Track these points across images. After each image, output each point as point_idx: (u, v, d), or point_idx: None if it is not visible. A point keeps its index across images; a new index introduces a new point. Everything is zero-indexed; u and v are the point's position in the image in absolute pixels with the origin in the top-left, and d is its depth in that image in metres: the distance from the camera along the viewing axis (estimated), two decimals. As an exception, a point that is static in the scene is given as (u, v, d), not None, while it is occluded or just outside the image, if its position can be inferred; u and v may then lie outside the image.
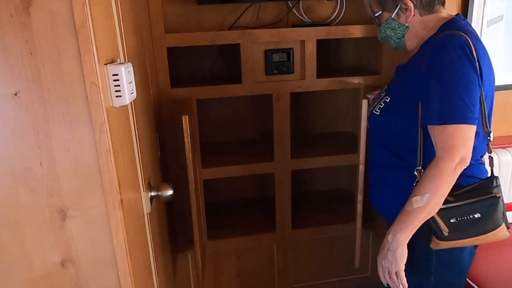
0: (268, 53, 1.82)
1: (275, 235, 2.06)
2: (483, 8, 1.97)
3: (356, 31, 1.84)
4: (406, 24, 1.19)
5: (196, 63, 2.04)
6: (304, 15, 1.96)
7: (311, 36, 1.81)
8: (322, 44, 1.89)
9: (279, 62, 1.83)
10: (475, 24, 1.95)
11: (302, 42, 1.83)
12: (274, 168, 1.95)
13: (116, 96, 0.80)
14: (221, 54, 1.96)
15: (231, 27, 1.89)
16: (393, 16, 1.19)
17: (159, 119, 1.73)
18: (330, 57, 2.17)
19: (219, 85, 1.81)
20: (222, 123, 2.21)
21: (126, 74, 0.81)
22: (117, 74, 0.79)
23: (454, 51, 1.04)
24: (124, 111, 0.89)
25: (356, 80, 1.91)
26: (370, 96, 1.53)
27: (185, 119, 1.42)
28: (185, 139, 1.45)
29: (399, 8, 1.18)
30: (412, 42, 1.23)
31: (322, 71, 1.93)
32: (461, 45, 1.05)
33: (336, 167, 2.18)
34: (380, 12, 1.22)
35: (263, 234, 2.06)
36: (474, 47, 1.05)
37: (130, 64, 0.86)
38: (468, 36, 1.06)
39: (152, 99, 1.57)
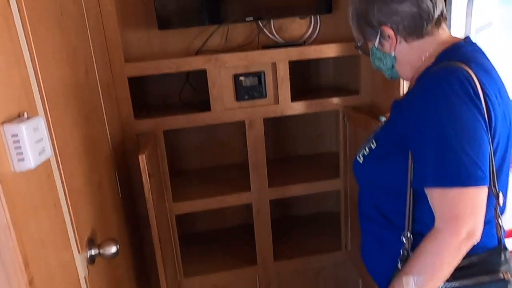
0: (237, 78, 1.71)
1: (257, 268, 1.93)
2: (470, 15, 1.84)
3: (331, 50, 1.73)
4: (392, 54, 0.97)
5: (166, 89, 1.94)
6: (276, 35, 1.86)
7: (282, 58, 1.70)
8: (298, 64, 1.79)
9: (250, 86, 1.72)
10: (459, 32, 1.81)
11: (274, 65, 1.72)
12: (251, 198, 1.83)
13: (18, 160, 0.68)
14: (188, 81, 1.85)
15: (198, 51, 1.78)
16: (376, 45, 0.98)
17: (123, 155, 1.61)
18: (307, 77, 2.06)
19: (187, 113, 1.70)
20: (196, 148, 2.09)
21: (30, 133, 0.69)
22: (17, 135, 0.67)
23: (452, 89, 0.80)
24: (39, 170, 0.77)
25: (334, 101, 1.80)
26: (383, 119, 1.39)
27: (142, 159, 1.30)
28: (143, 179, 1.33)
29: (380, 36, 0.96)
30: (406, 73, 1.00)
31: (298, 92, 1.82)
32: (461, 81, 0.80)
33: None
34: (362, 41, 1.02)
35: (244, 267, 1.93)
36: (480, 83, 0.81)
37: (39, 119, 0.74)
38: (472, 69, 0.82)
39: (110, 134, 1.45)
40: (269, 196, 1.84)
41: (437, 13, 0.90)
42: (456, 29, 1.74)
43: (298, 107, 1.77)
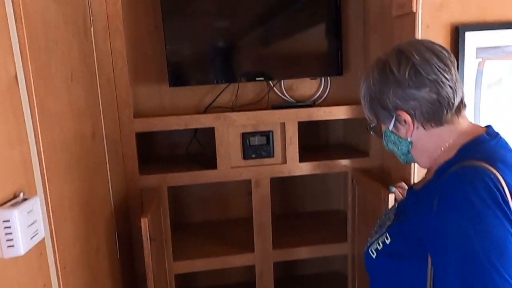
0: (245, 136, 1.69)
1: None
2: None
3: (341, 112, 1.72)
4: (409, 139, 0.88)
5: (173, 141, 1.92)
6: (286, 94, 1.86)
7: (291, 118, 1.69)
8: (307, 122, 1.76)
9: (257, 145, 1.70)
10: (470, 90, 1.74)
11: (283, 125, 1.70)
12: (254, 260, 1.76)
13: (8, 247, 0.65)
14: (196, 136, 1.84)
15: (207, 107, 1.78)
16: (390, 128, 0.88)
17: (125, 212, 1.58)
18: (315, 134, 2.04)
19: (192, 171, 1.67)
20: (200, 201, 2.05)
21: (23, 218, 0.66)
22: (8, 221, 0.64)
23: (479, 196, 0.71)
24: (30, 253, 0.74)
25: (343, 163, 1.76)
26: (394, 190, 1.34)
27: (144, 223, 1.26)
28: (144, 243, 1.28)
29: (395, 120, 0.87)
30: (423, 160, 0.90)
31: (307, 151, 1.79)
32: (487, 186, 0.71)
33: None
34: (375, 122, 0.92)
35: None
36: (508, 186, 0.72)
37: (35, 200, 0.72)
38: (498, 170, 0.73)
39: (112, 192, 1.43)
40: (273, 258, 1.77)
41: (457, 101, 0.83)
42: (467, 87, 1.70)
43: (306, 168, 1.74)
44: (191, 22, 1.66)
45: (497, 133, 0.84)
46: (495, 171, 0.72)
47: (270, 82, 1.82)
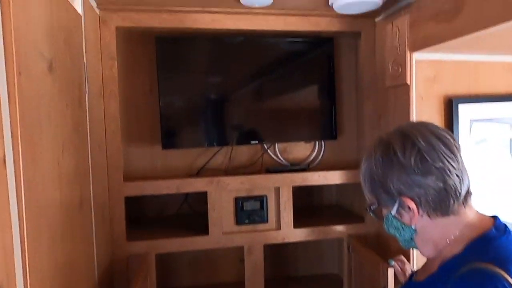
0: (238, 201, 1.65)
1: None
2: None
3: (335, 177, 1.70)
4: (413, 227, 0.82)
5: (163, 202, 1.85)
6: (280, 156, 1.84)
7: (286, 183, 1.66)
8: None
9: (251, 210, 1.65)
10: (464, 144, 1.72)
11: (277, 189, 1.67)
12: (246, 334, 1.64)
13: None
14: (187, 199, 1.78)
15: (200, 170, 1.74)
16: (393, 213, 0.83)
17: (110, 279, 1.48)
18: (309, 197, 2.00)
19: (182, 237, 1.60)
20: (189, 264, 1.94)
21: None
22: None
23: None
24: None
25: (338, 229, 1.71)
26: (393, 263, 1.27)
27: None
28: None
29: (399, 205, 0.82)
30: (427, 250, 0.85)
31: (300, 214, 1.73)
32: None
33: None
34: (375, 206, 0.87)
35: None
36: None
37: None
38: (510, 274, 0.69)
39: (97, 259, 1.34)
40: (266, 329, 1.66)
41: (464, 190, 0.79)
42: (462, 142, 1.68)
43: (300, 234, 1.68)
44: (186, 85, 1.67)
45: (505, 226, 0.80)
46: (506, 276, 0.68)
47: (264, 144, 1.81)
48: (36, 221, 0.81)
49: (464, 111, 1.40)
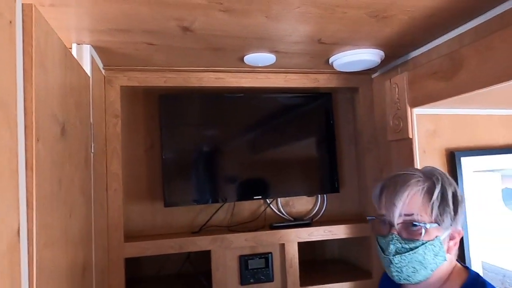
0: (243, 259, 1.59)
1: None
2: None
3: (340, 231, 1.67)
4: (447, 256, 0.86)
5: (164, 259, 1.78)
6: (282, 211, 1.81)
7: (291, 239, 1.62)
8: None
9: (256, 269, 1.60)
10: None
11: (282, 246, 1.63)
12: None
13: None
14: (190, 258, 1.72)
15: (202, 227, 1.70)
16: (442, 237, 0.85)
17: None
18: (311, 251, 1.95)
19: (185, 300, 1.52)
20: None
21: None
22: None
23: None
24: None
25: (346, 286, 1.65)
26: None
27: None
28: None
29: (450, 232, 0.86)
30: (429, 283, 0.88)
31: (304, 271, 1.68)
32: None
33: None
34: (435, 225, 0.85)
35: None
36: None
37: None
38: None
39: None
40: None
41: None
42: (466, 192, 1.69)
43: (307, 292, 1.62)
44: (187, 139, 1.67)
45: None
46: None
47: (267, 199, 1.79)
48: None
49: (467, 163, 1.42)
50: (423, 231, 0.84)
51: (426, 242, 0.84)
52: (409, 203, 0.86)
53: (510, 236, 1.47)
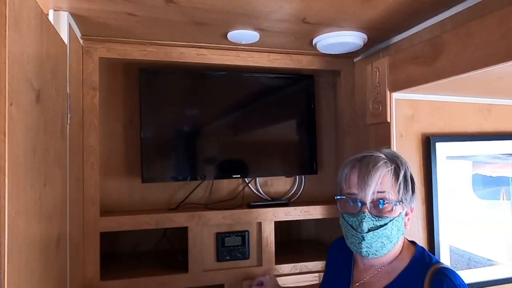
0: (219, 237, 1.61)
1: None
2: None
3: (317, 212, 1.70)
4: (404, 230, 0.96)
5: (140, 236, 1.77)
6: (260, 190, 1.83)
7: (268, 218, 1.64)
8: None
9: (232, 246, 1.61)
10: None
11: (259, 224, 1.65)
12: None
13: None
14: (166, 234, 1.72)
15: (180, 204, 1.69)
16: (403, 214, 0.95)
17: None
18: (288, 232, 1.98)
19: (160, 275, 1.53)
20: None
21: None
22: None
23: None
24: None
25: (319, 266, 1.69)
26: None
27: None
28: None
29: (407, 209, 0.97)
30: (389, 256, 0.96)
31: (280, 250, 1.71)
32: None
33: None
34: (400, 203, 0.93)
35: None
36: None
37: None
38: None
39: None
40: None
41: None
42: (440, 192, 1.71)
43: (282, 270, 1.65)
44: (168, 118, 1.65)
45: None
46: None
47: (246, 179, 1.79)
48: (17, 257, 0.75)
49: (441, 148, 1.46)
50: (394, 208, 0.92)
51: (393, 219, 0.92)
52: (381, 183, 0.92)
53: (476, 222, 1.53)
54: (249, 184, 1.81)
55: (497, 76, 1.14)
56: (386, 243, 0.92)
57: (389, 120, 1.43)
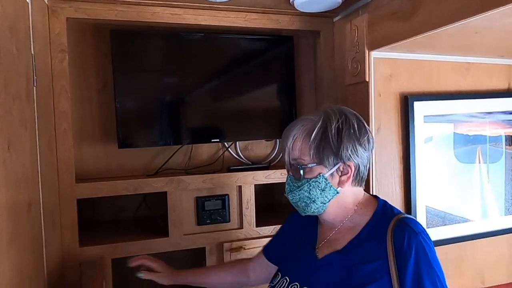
0: (199, 201, 1.60)
1: None
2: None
3: (297, 174, 1.70)
4: (338, 189, 0.96)
5: (118, 204, 1.75)
6: (241, 155, 1.82)
7: (248, 181, 1.64)
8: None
9: (212, 210, 1.62)
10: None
11: (239, 188, 1.65)
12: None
13: None
14: (145, 200, 1.71)
15: (158, 170, 1.67)
16: (326, 174, 0.94)
17: (60, 289, 1.37)
18: (269, 195, 1.99)
19: (140, 240, 1.53)
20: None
21: None
22: None
23: (430, 240, 0.91)
24: None
25: (299, 226, 1.71)
26: (142, 275, 1.25)
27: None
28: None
29: (337, 168, 0.95)
30: (334, 213, 0.99)
31: (261, 213, 1.72)
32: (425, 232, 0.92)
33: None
34: (314, 164, 0.94)
35: None
36: None
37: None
38: None
39: (47, 269, 1.24)
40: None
41: None
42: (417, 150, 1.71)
43: (263, 232, 1.67)
44: (143, 82, 1.60)
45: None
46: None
47: (225, 143, 1.78)
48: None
49: (419, 108, 1.46)
50: (301, 171, 0.95)
51: (310, 180, 0.94)
52: (293, 147, 0.97)
53: (453, 181, 1.56)
54: (229, 149, 1.80)
55: (473, 30, 1.12)
56: (308, 202, 0.96)
57: (367, 80, 1.42)
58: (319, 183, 0.94)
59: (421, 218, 1.50)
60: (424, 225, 1.49)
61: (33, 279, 1.11)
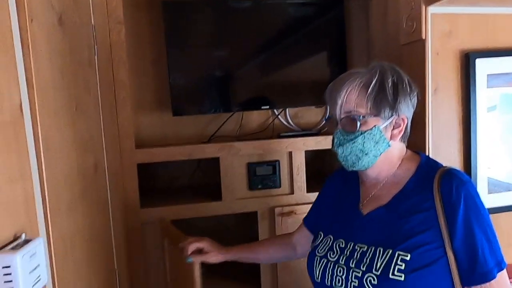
0: (251, 167, 1.64)
1: None
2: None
3: (348, 140, 1.67)
4: (390, 142, 0.96)
5: (175, 171, 1.85)
6: (291, 122, 1.82)
7: (298, 147, 1.65)
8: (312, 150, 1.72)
9: (263, 175, 1.64)
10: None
11: (289, 154, 1.66)
12: None
13: (7, 296, 0.58)
14: (199, 166, 1.77)
15: (211, 137, 1.73)
16: (381, 126, 0.94)
17: (127, 248, 1.49)
18: (320, 162, 1.98)
19: (196, 203, 1.60)
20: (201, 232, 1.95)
21: (24, 263, 0.59)
22: (9, 266, 0.57)
23: (476, 189, 0.91)
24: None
25: (351, 193, 1.70)
26: (192, 260, 1.16)
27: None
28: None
29: (391, 120, 0.95)
30: (380, 168, 0.98)
31: (312, 180, 1.72)
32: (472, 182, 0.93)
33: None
34: (371, 116, 0.94)
35: None
36: None
37: (38, 241, 0.65)
38: None
39: (113, 228, 1.35)
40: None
41: None
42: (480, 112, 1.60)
43: (313, 197, 1.67)
44: (195, 52, 1.64)
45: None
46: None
47: (275, 110, 1.79)
48: (54, 172, 0.80)
49: (481, 65, 1.36)
50: (358, 123, 0.93)
51: (364, 132, 0.93)
52: (347, 99, 0.95)
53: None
54: (280, 117, 1.81)
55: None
56: (361, 156, 0.95)
57: (424, 37, 1.34)
58: (374, 135, 0.94)
59: (482, 186, 1.42)
60: (486, 192, 1.43)
61: (101, 236, 1.21)
